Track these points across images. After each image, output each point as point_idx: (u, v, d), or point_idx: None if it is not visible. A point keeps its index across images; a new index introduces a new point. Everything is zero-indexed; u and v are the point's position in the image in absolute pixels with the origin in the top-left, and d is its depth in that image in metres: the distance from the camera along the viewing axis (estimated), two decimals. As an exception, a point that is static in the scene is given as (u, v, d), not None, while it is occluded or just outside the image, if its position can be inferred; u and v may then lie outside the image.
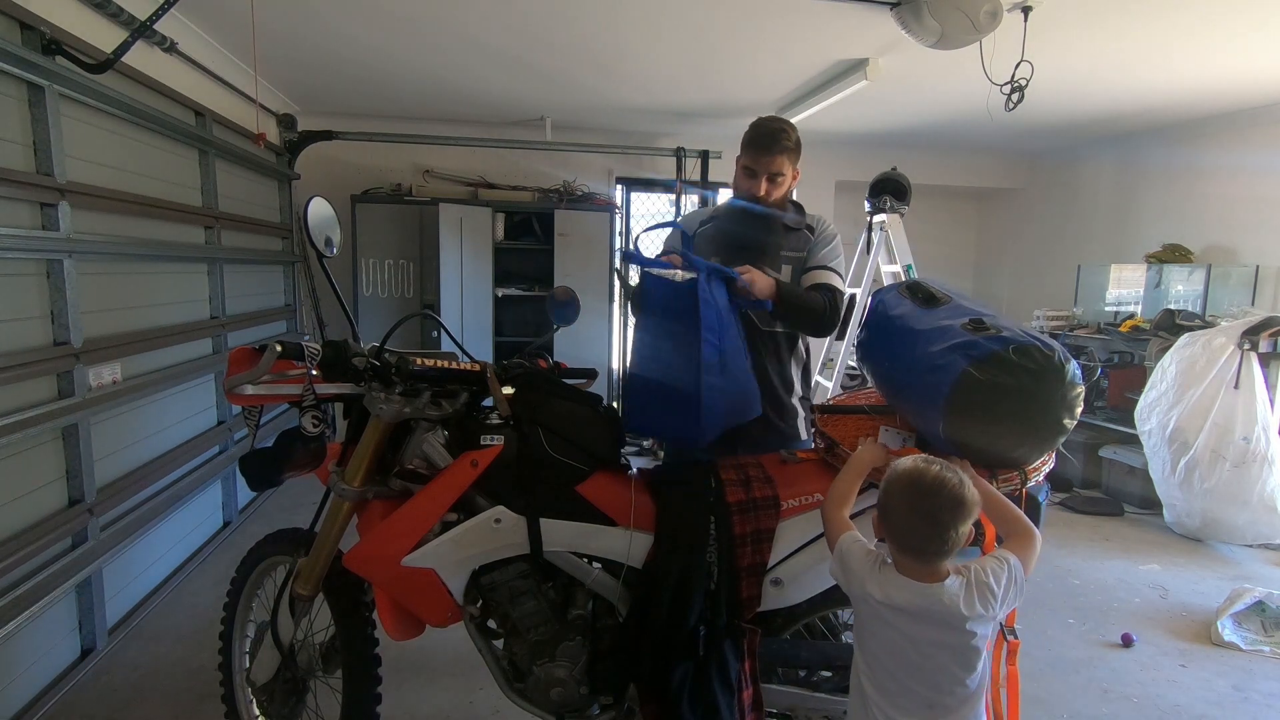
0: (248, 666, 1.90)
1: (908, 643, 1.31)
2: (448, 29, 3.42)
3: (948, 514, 1.25)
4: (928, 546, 1.28)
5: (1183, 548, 3.83)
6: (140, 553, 2.86)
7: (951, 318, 1.53)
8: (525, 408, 1.60)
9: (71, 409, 2.34)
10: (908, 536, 1.29)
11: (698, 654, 1.52)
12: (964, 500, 1.25)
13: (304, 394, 1.51)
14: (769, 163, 2.03)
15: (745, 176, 2.09)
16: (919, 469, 1.29)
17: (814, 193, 6.09)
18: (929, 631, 1.29)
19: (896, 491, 1.30)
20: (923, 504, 1.26)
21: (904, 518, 1.29)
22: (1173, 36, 3.27)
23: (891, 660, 1.33)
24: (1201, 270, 4.66)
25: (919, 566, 1.30)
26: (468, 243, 5.12)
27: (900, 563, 1.32)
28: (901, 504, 1.29)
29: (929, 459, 1.32)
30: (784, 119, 2.11)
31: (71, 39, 2.39)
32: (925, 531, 1.27)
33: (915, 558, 1.30)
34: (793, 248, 2.12)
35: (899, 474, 1.31)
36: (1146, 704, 2.44)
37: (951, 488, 1.25)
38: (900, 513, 1.30)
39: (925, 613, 1.28)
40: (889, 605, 1.31)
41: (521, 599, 1.62)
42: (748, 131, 2.10)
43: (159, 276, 3.04)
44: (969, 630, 1.28)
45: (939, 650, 1.30)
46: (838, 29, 3.29)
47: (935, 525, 1.25)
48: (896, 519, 1.30)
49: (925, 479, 1.27)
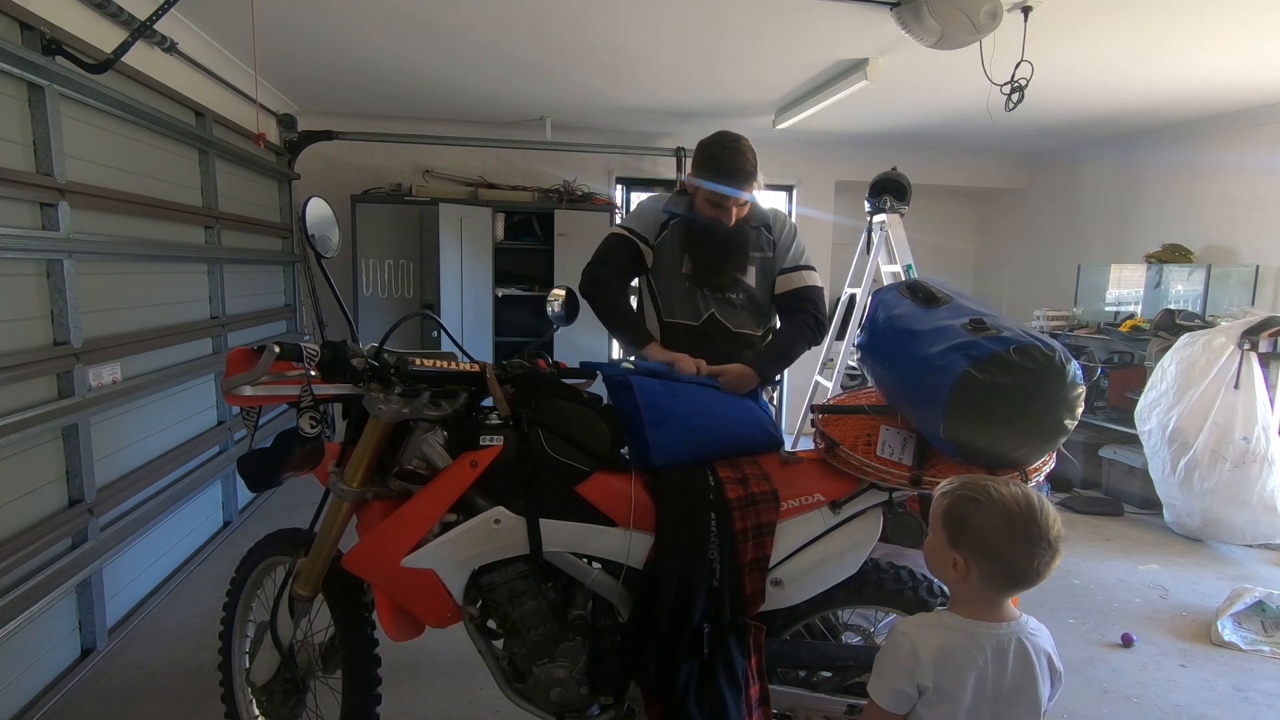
0: (247, 667, 1.90)
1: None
2: (448, 29, 3.42)
3: (1050, 556, 1.16)
4: (1007, 596, 1.20)
5: (1183, 548, 3.83)
6: (140, 553, 2.86)
7: (952, 318, 1.53)
8: (525, 408, 1.60)
9: (71, 409, 2.34)
10: (1010, 578, 1.18)
11: (703, 652, 1.52)
12: (1062, 536, 1.17)
13: (302, 395, 1.50)
14: (736, 197, 2.00)
15: (711, 207, 2.04)
16: (1029, 499, 1.16)
17: (814, 193, 6.10)
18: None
19: (1008, 523, 1.15)
20: (1038, 545, 1.15)
21: (1013, 557, 1.16)
22: (1173, 37, 3.27)
23: None
24: (1201, 270, 4.66)
25: (1004, 600, 1.21)
26: (468, 243, 5.12)
27: (981, 599, 1.21)
28: (1018, 539, 1.15)
29: (1005, 483, 1.20)
30: (738, 142, 2.01)
31: (71, 39, 2.39)
32: (1024, 577, 1.17)
33: (1015, 588, 1.19)
34: (757, 248, 2.14)
35: (1006, 503, 1.16)
36: (1146, 704, 2.44)
37: (1056, 520, 1.17)
38: (1009, 552, 1.16)
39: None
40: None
41: (521, 599, 1.62)
42: (708, 165, 2.00)
43: (159, 276, 3.04)
44: None
45: None
46: (838, 29, 3.29)
47: (1039, 571, 1.16)
48: (1003, 557, 1.16)
49: (1041, 513, 1.16)
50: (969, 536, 1.18)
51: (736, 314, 2.18)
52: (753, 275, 2.14)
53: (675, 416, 1.65)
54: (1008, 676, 1.18)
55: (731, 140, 2.00)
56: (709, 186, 2.00)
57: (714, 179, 1.98)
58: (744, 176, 1.96)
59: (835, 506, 1.59)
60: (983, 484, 1.19)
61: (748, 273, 2.13)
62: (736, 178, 1.96)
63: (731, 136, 2.02)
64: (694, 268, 2.14)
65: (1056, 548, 1.16)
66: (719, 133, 2.05)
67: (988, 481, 1.20)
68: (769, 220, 2.16)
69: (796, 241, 2.17)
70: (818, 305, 2.15)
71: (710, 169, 1.99)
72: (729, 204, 2.00)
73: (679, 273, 2.17)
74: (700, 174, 2.03)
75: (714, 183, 1.98)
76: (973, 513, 1.18)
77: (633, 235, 2.19)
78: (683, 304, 2.18)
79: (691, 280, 2.16)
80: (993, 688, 1.18)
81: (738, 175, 1.96)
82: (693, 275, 2.15)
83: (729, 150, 1.98)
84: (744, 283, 2.16)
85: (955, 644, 1.19)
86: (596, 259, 2.21)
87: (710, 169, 1.99)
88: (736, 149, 1.98)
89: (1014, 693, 1.19)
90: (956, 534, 1.19)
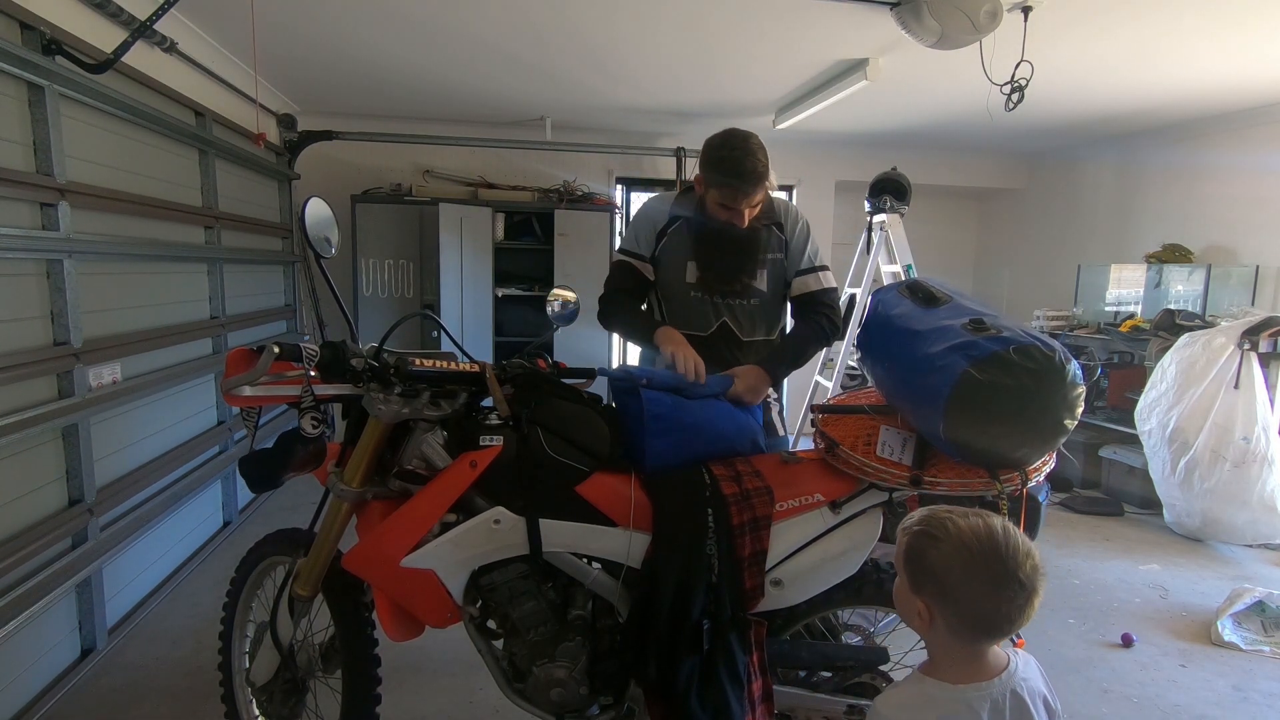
0: (247, 667, 1.90)
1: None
2: (448, 29, 3.42)
3: (1025, 597, 1.01)
4: (986, 646, 1.06)
5: (1183, 548, 3.83)
6: (140, 553, 2.86)
7: (952, 318, 1.53)
8: (525, 408, 1.60)
9: (71, 409, 2.34)
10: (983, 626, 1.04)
11: (703, 649, 1.52)
12: (1039, 570, 1.02)
13: (302, 395, 1.51)
14: (751, 197, 1.91)
15: (722, 209, 1.95)
16: (990, 531, 1.02)
17: (814, 192, 6.10)
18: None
19: (969, 564, 1.01)
20: (1007, 586, 1.00)
21: (978, 603, 1.02)
22: (1173, 36, 3.27)
23: None
24: (1201, 270, 4.66)
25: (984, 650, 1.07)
26: (468, 243, 5.12)
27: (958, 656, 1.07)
28: (978, 582, 1.01)
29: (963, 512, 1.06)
30: (748, 141, 1.90)
31: (71, 39, 2.39)
32: (998, 626, 1.03)
33: (988, 637, 1.06)
34: (768, 249, 2.05)
35: (964, 539, 1.02)
36: (1146, 704, 2.44)
37: (1030, 554, 1.02)
38: (974, 597, 1.02)
39: None
40: None
41: (521, 599, 1.62)
42: (717, 166, 1.90)
43: (159, 276, 3.04)
44: None
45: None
46: (838, 29, 3.29)
47: (1015, 617, 1.01)
48: (967, 603, 1.02)
49: (1004, 548, 1.01)
50: (930, 580, 1.04)
51: (748, 321, 2.09)
52: (764, 279, 2.04)
53: (676, 428, 1.65)
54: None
55: (741, 140, 1.91)
56: (719, 188, 1.92)
57: (724, 180, 1.89)
58: (755, 178, 1.87)
59: (835, 506, 1.59)
60: (941, 518, 1.05)
61: (759, 277, 2.04)
62: (747, 179, 1.87)
63: (741, 135, 1.92)
64: (703, 275, 2.06)
65: (1031, 586, 1.00)
66: (728, 131, 1.95)
67: (949, 515, 1.06)
68: (780, 217, 2.06)
69: (810, 240, 2.07)
70: (834, 308, 2.08)
71: (720, 170, 1.90)
72: (742, 206, 1.92)
73: (684, 281, 2.08)
74: (709, 175, 1.93)
75: (724, 185, 1.90)
76: (930, 551, 1.04)
77: (629, 258, 2.13)
78: (691, 314, 2.08)
79: (700, 288, 2.07)
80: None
81: (749, 177, 1.87)
82: (701, 283, 2.06)
83: (739, 150, 1.88)
84: (755, 288, 2.06)
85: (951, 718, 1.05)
86: (605, 286, 2.18)
87: (720, 170, 1.90)
88: (747, 148, 1.89)
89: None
90: (917, 578, 1.06)
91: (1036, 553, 1.01)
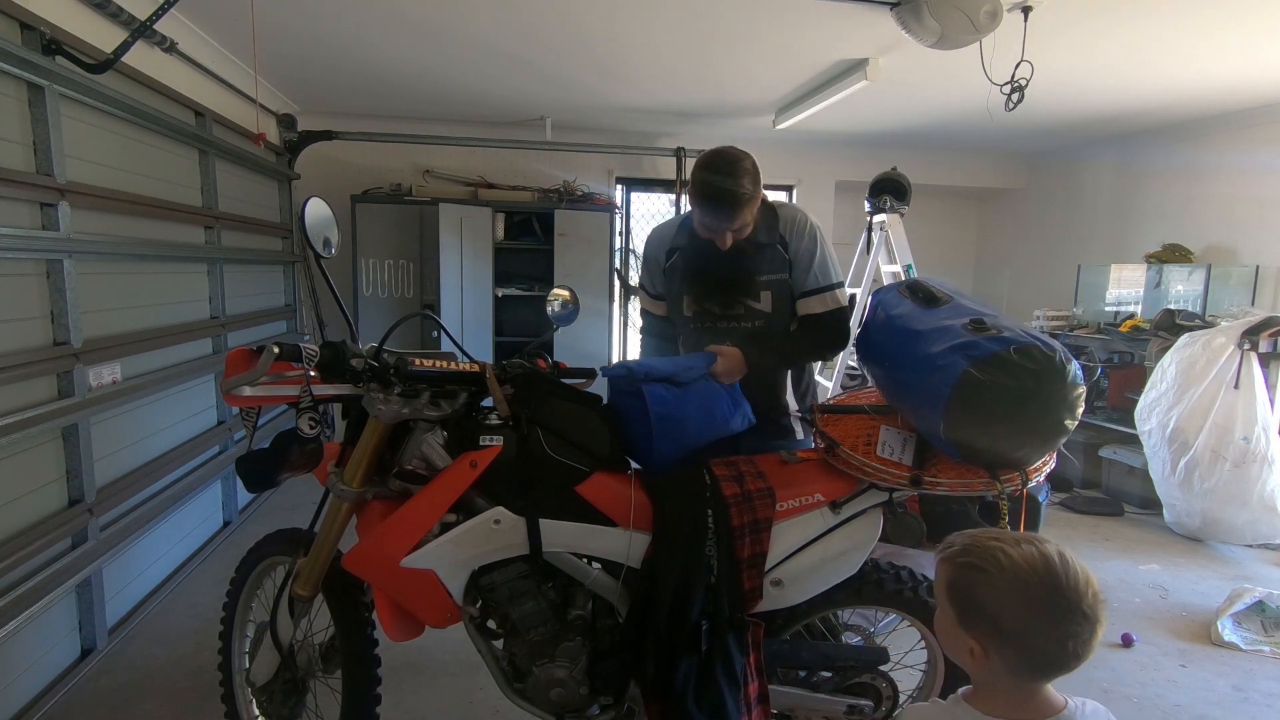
0: (247, 667, 1.90)
1: None
2: (448, 29, 3.42)
3: (1089, 629, 0.93)
4: (1043, 682, 0.98)
5: (1183, 548, 3.83)
6: (140, 553, 2.86)
7: (952, 318, 1.53)
8: (525, 408, 1.60)
9: (71, 409, 2.34)
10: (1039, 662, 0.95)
11: (701, 650, 1.52)
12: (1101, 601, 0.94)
13: (301, 395, 1.50)
14: (728, 224, 1.81)
15: (706, 230, 1.87)
16: (1049, 561, 0.93)
17: (814, 192, 6.10)
18: None
19: (1027, 596, 0.92)
20: (1068, 620, 0.91)
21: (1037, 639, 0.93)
22: (1173, 36, 3.27)
23: None
24: (1201, 270, 4.66)
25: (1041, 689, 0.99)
26: (468, 243, 5.12)
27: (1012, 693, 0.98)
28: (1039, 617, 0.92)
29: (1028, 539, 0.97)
30: (736, 165, 1.78)
31: (71, 39, 2.39)
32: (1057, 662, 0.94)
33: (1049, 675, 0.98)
34: (769, 269, 1.92)
35: (1021, 570, 0.93)
36: (1146, 704, 2.44)
37: (1093, 587, 0.94)
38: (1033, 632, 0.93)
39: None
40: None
41: (521, 599, 1.62)
42: (696, 188, 1.80)
43: (159, 276, 3.04)
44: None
45: None
46: (838, 29, 3.29)
47: (1079, 653, 0.93)
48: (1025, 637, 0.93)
49: (1066, 579, 0.92)
50: (982, 617, 0.95)
51: (756, 345, 1.92)
52: (768, 300, 1.93)
53: (680, 424, 1.64)
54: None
55: (728, 163, 1.78)
56: (700, 211, 1.84)
57: (703, 207, 1.81)
58: (736, 205, 1.77)
59: (835, 506, 1.59)
60: (989, 546, 0.96)
61: (761, 299, 1.93)
62: (723, 208, 1.77)
63: (729, 158, 1.80)
64: (698, 307, 1.98)
65: (1095, 618, 0.91)
66: (717, 151, 1.83)
67: (997, 543, 0.96)
68: (785, 233, 1.92)
69: (819, 254, 1.92)
70: (838, 329, 1.95)
71: (700, 195, 1.81)
72: (722, 229, 1.84)
73: (683, 315, 2.01)
74: (692, 196, 1.84)
75: (703, 211, 1.82)
76: (980, 586, 0.95)
77: (649, 299, 2.10)
78: (698, 346, 1.93)
79: (697, 321, 1.99)
80: None
81: (728, 203, 1.77)
82: (697, 317, 1.98)
83: (723, 174, 1.77)
84: (758, 310, 1.95)
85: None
86: (641, 334, 2.24)
87: (700, 195, 1.81)
88: (733, 172, 1.77)
89: None
90: (966, 614, 0.97)
91: (1095, 579, 0.94)
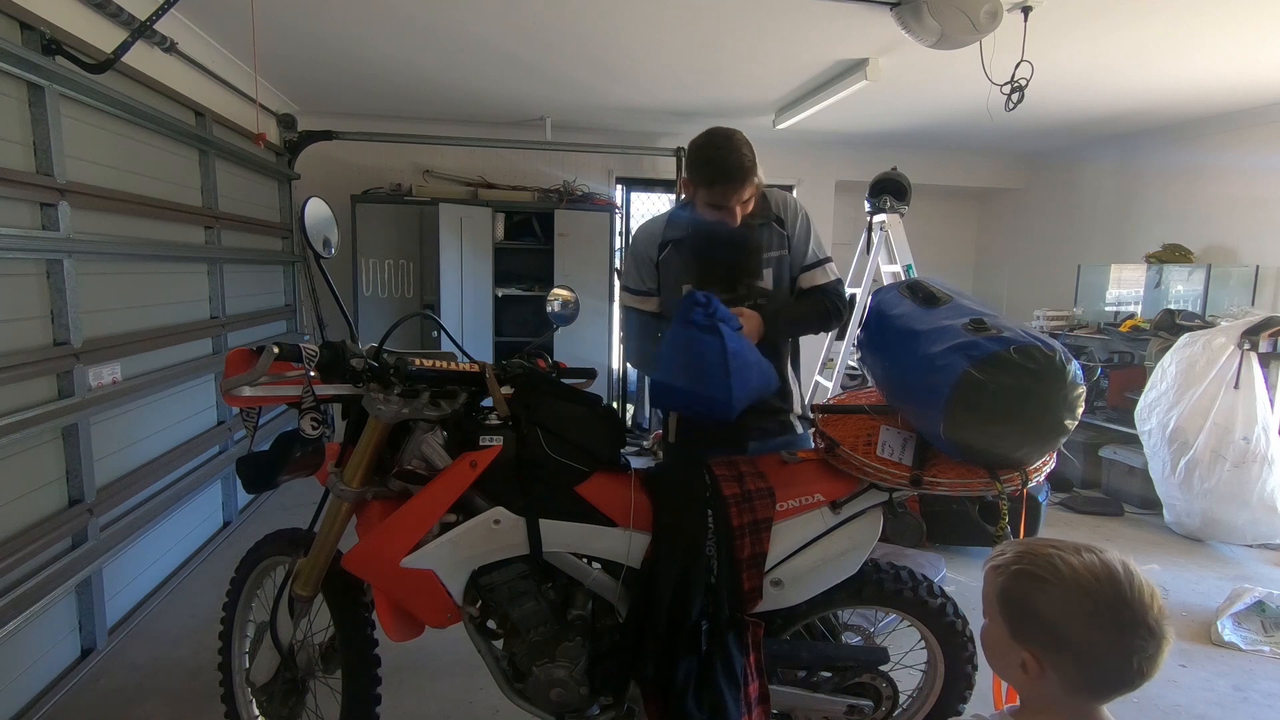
0: (247, 667, 1.90)
1: None
2: (448, 29, 3.42)
3: (1155, 644, 0.87)
4: (1148, 669, 0.88)
5: (1183, 548, 3.83)
6: (140, 553, 2.86)
7: (952, 318, 1.53)
8: (524, 408, 1.60)
9: (71, 409, 2.34)
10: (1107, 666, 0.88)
11: (701, 650, 1.52)
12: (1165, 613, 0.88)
13: (303, 395, 1.50)
14: (738, 195, 1.85)
15: (713, 209, 1.90)
16: (1113, 570, 0.88)
17: (814, 192, 6.10)
18: None
19: (1090, 608, 0.87)
20: (1132, 634, 0.86)
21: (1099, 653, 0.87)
22: (1173, 36, 3.27)
23: None
24: (1201, 270, 4.66)
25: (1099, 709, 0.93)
26: (468, 243, 5.12)
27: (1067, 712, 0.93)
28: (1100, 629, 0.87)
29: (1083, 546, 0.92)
30: (731, 138, 1.86)
31: (71, 39, 2.39)
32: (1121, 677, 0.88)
33: (1110, 693, 0.91)
34: (770, 247, 1.99)
35: (1083, 578, 0.87)
36: (1146, 704, 2.44)
37: (1156, 599, 0.88)
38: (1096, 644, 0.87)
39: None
40: None
41: (521, 599, 1.62)
42: (700, 168, 1.86)
43: (159, 276, 3.04)
44: None
45: None
46: (838, 29, 3.29)
47: (1145, 671, 0.87)
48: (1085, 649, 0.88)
49: (1130, 589, 0.87)
50: (1038, 629, 0.90)
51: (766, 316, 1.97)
52: (769, 278, 1.98)
53: (748, 369, 1.67)
54: None
55: (724, 137, 1.87)
56: (707, 188, 1.89)
57: (711, 179, 1.86)
58: (742, 173, 1.83)
59: (835, 506, 1.59)
60: (1047, 555, 0.91)
61: (763, 277, 1.98)
62: (734, 175, 1.83)
63: (723, 133, 1.89)
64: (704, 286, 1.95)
65: (1161, 633, 0.86)
66: (709, 130, 1.92)
67: (1055, 551, 0.91)
68: (780, 212, 2.00)
69: (813, 233, 2.03)
70: (840, 296, 2.04)
71: (706, 169, 1.86)
72: (732, 203, 1.88)
73: None
74: (696, 175, 1.90)
75: (711, 184, 1.87)
76: (1038, 596, 0.89)
77: (633, 299, 2.09)
78: None
79: None
80: None
81: (735, 172, 1.83)
82: None
83: (723, 149, 1.84)
84: (761, 288, 2.00)
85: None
86: (624, 339, 2.25)
87: (706, 169, 1.86)
88: (730, 145, 1.85)
89: None
90: (1020, 625, 0.91)
91: (1159, 593, 0.89)
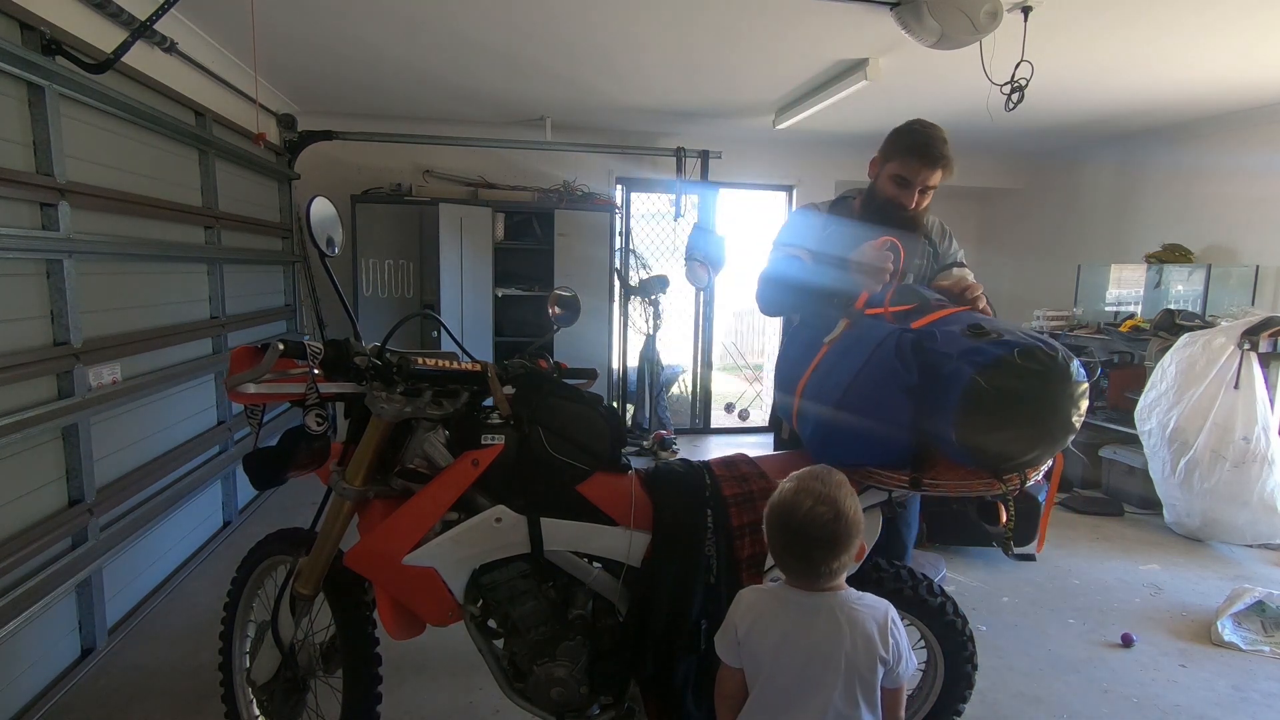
0: (248, 666, 1.90)
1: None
2: (448, 29, 3.42)
3: (819, 551, 1.26)
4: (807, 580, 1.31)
5: (1183, 548, 3.83)
6: (140, 553, 2.86)
7: (949, 323, 1.52)
8: (526, 408, 1.60)
9: (71, 409, 2.34)
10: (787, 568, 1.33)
11: (700, 649, 1.52)
12: (837, 536, 1.25)
13: (308, 392, 1.51)
14: (929, 175, 1.93)
15: (895, 185, 1.97)
16: (791, 502, 1.28)
17: (814, 193, 6.10)
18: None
19: (771, 524, 1.31)
20: (796, 544, 1.28)
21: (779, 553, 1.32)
22: (1173, 36, 3.27)
23: None
24: (1201, 270, 4.67)
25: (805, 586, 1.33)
26: (468, 243, 5.12)
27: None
28: (776, 539, 1.31)
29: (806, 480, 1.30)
30: (938, 128, 1.97)
31: (71, 39, 2.39)
32: (799, 568, 1.30)
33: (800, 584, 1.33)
34: (920, 255, 2.07)
35: (773, 506, 1.31)
36: (1146, 704, 2.44)
37: (823, 523, 1.24)
38: (776, 547, 1.32)
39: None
40: None
41: (522, 598, 1.63)
42: (903, 137, 1.96)
43: (159, 276, 3.04)
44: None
45: None
46: (838, 29, 3.29)
47: (808, 562, 1.28)
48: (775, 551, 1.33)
49: (796, 515, 1.26)
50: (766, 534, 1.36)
51: None
52: (909, 279, 2.01)
53: None
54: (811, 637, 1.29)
55: (934, 126, 1.97)
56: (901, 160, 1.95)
57: (907, 151, 1.93)
58: (940, 156, 1.92)
59: (836, 506, 1.59)
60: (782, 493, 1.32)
61: (905, 278, 1.97)
62: (933, 154, 1.91)
63: (930, 123, 1.99)
64: None
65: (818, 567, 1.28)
66: (916, 118, 2.01)
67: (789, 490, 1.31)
68: (935, 236, 2.10)
69: (955, 247, 2.12)
70: None
71: (907, 139, 1.95)
72: (917, 182, 1.95)
73: None
74: (893, 145, 1.98)
75: (906, 156, 1.93)
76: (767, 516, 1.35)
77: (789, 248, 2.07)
78: None
79: None
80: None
81: (935, 151, 1.91)
82: None
83: (930, 132, 1.94)
84: None
85: None
86: (766, 271, 2.06)
87: (907, 139, 1.95)
88: (938, 132, 1.95)
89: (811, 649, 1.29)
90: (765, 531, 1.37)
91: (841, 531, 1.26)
